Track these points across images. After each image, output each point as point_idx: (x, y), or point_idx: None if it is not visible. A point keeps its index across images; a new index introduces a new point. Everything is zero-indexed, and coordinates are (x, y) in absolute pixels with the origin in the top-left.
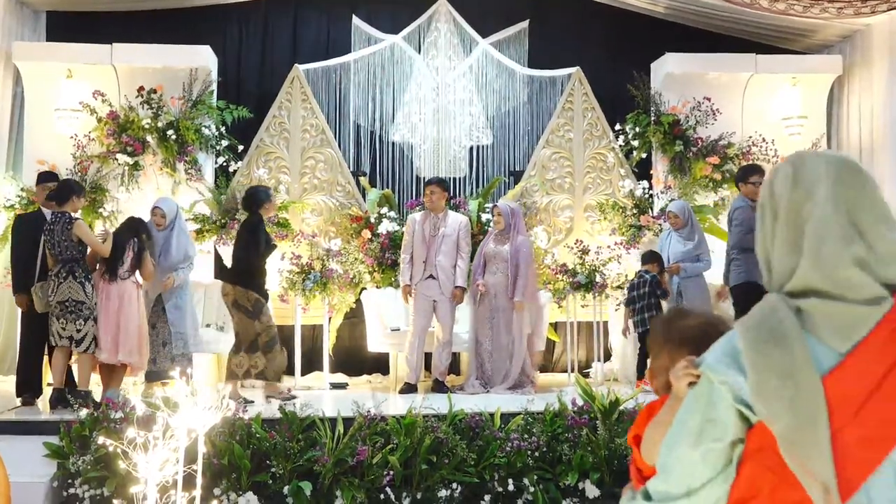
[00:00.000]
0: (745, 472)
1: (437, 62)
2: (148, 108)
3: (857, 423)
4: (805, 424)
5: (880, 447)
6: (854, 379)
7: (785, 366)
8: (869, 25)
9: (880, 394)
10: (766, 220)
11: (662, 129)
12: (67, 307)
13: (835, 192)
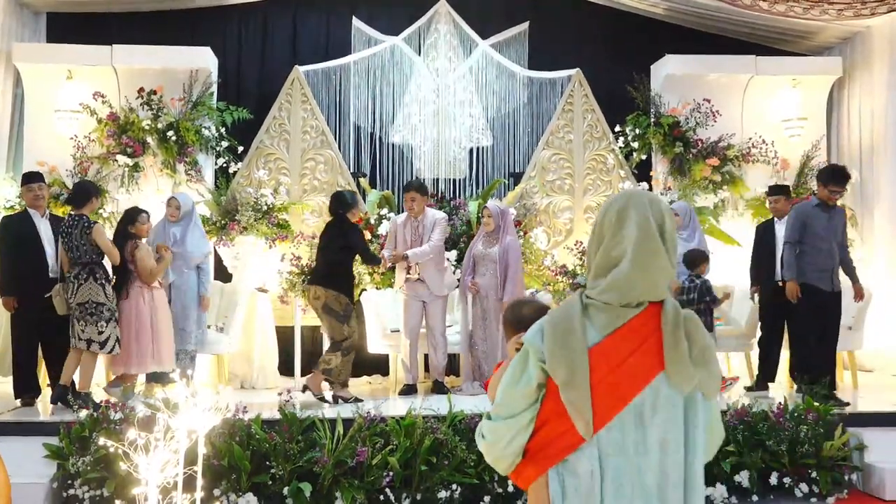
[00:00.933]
0: (545, 406)
1: (437, 63)
2: (148, 110)
3: (609, 380)
4: (574, 378)
5: (625, 396)
6: (609, 352)
7: (566, 340)
8: (869, 27)
9: (627, 363)
10: (593, 245)
11: (662, 130)
12: (87, 309)
13: (639, 246)
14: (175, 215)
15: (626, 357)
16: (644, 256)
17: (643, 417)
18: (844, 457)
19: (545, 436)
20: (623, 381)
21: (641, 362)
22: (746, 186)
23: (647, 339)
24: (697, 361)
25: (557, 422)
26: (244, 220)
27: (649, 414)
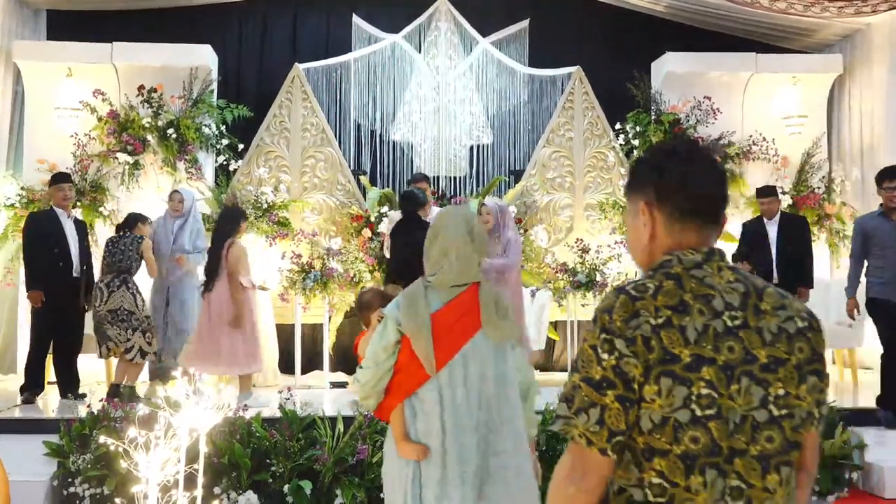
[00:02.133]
0: (400, 356)
1: (438, 61)
2: (148, 107)
3: (445, 335)
4: (421, 334)
5: (456, 346)
6: (445, 316)
7: (415, 309)
8: (869, 25)
9: (458, 323)
10: (429, 246)
11: (663, 128)
12: (118, 316)
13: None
14: (178, 209)
15: (456, 319)
16: (461, 253)
17: (467, 359)
18: (845, 455)
19: (401, 377)
20: (454, 336)
21: (467, 323)
22: (747, 184)
23: (470, 308)
24: (503, 319)
25: (410, 367)
26: None
27: (471, 357)
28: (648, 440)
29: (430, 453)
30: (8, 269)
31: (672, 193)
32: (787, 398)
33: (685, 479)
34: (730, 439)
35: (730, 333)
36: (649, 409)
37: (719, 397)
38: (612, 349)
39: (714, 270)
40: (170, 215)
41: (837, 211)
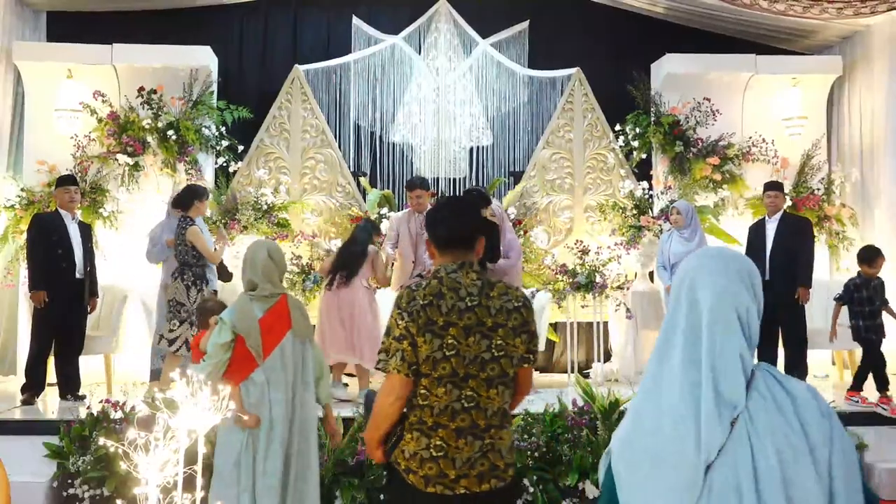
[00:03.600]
0: (235, 351)
1: (438, 63)
2: (148, 109)
3: (268, 334)
4: (251, 333)
5: (275, 342)
6: (267, 320)
7: (248, 315)
8: (869, 26)
9: (276, 325)
10: (246, 270)
11: (662, 129)
12: (170, 306)
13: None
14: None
15: (274, 322)
16: (267, 272)
17: (283, 351)
18: None
19: (238, 366)
20: (274, 334)
21: (281, 325)
22: (747, 185)
23: (283, 313)
24: (304, 321)
25: (244, 358)
26: (244, 220)
27: (288, 350)
28: (420, 368)
29: (261, 421)
30: (8, 271)
31: (431, 236)
32: (504, 346)
33: (436, 390)
34: (466, 368)
35: (469, 309)
36: (420, 351)
37: (459, 346)
38: (402, 318)
39: (463, 274)
40: (173, 216)
41: (837, 212)
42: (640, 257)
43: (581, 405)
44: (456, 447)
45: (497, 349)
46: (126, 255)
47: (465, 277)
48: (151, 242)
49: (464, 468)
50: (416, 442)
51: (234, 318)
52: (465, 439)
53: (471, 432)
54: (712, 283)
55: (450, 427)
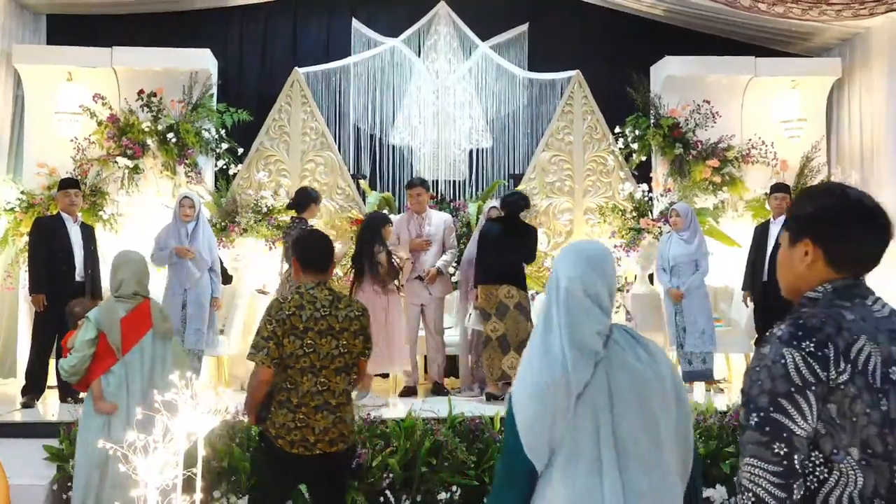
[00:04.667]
0: (99, 347)
1: (437, 65)
2: (148, 111)
3: (129, 331)
4: (113, 331)
5: (135, 339)
6: (129, 319)
7: (111, 315)
8: (868, 28)
9: (136, 324)
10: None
11: (662, 131)
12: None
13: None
14: (189, 215)
15: (135, 321)
16: (138, 276)
17: (143, 348)
18: None
19: (101, 360)
20: (134, 333)
21: (142, 324)
22: (746, 188)
23: (144, 314)
24: (165, 322)
25: (106, 353)
26: (244, 222)
27: (147, 347)
28: (286, 362)
29: (118, 407)
30: (8, 274)
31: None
32: (348, 345)
33: (299, 378)
34: (321, 362)
35: (322, 318)
36: (286, 349)
37: (316, 345)
38: (271, 324)
39: (319, 291)
40: (181, 220)
41: None
42: (639, 259)
43: None
44: (314, 420)
45: (343, 347)
46: None
47: (320, 293)
48: (157, 245)
49: (320, 435)
50: (284, 416)
51: (98, 317)
52: (321, 414)
53: (325, 408)
54: (569, 269)
55: (310, 405)
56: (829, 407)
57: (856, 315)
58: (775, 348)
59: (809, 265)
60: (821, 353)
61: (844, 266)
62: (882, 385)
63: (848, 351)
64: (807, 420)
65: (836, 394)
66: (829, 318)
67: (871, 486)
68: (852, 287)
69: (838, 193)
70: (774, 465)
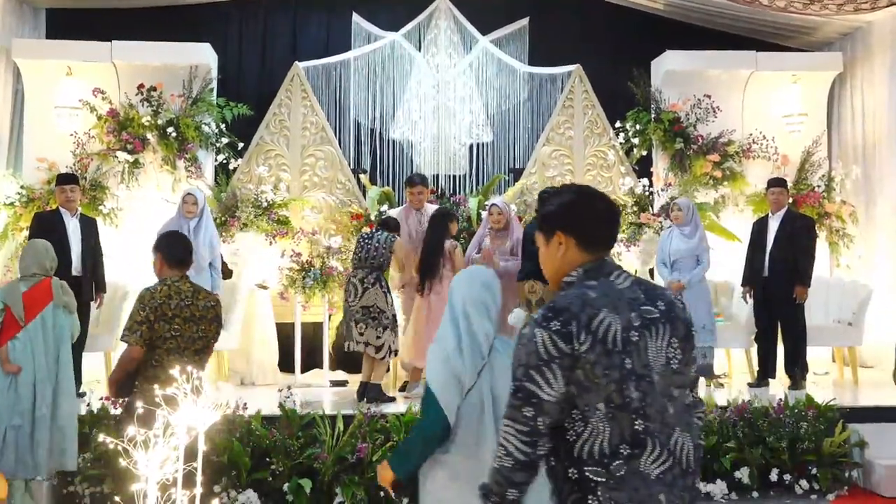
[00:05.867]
0: (6, 317)
1: (438, 59)
2: (148, 106)
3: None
4: (17, 305)
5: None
6: (30, 294)
7: (14, 290)
8: (869, 23)
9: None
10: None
11: (663, 126)
12: (370, 313)
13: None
14: (192, 211)
15: (36, 295)
16: (38, 260)
17: (44, 317)
18: (845, 453)
19: (7, 330)
20: (35, 305)
21: (43, 298)
22: (747, 182)
23: (45, 289)
24: (66, 296)
25: (11, 322)
26: (244, 217)
27: (49, 317)
28: (155, 343)
29: (23, 368)
30: (8, 268)
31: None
32: (206, 330)
33: (166, 357)
34: (185, 344)
35: (186, 307)
36: (156, 332)
37: (181, 329)
38: (144, 310)
39: (182, 283)
40: (183, 217)
41: (837, 209)
42: (640, 254)
43: None
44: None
45: (201, 332)
46: (126, 252)
47: (183, 286)
48: None
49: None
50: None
51: (3, 292)
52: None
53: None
54: (464, 290)
55: (174, 380)
56: (577, 373)
57: (599, 291)
58: (531, 329)
59: (564, 254)
60: (565, 330)
61: (591, 248)
62: (624, 347)
63: (590, 324)
64: (552, 388)
65: (581, 361)
66: (575, 299)
67: (617, 434)
68: (599, 266)
69: (574, 190)
70: (522, 426)
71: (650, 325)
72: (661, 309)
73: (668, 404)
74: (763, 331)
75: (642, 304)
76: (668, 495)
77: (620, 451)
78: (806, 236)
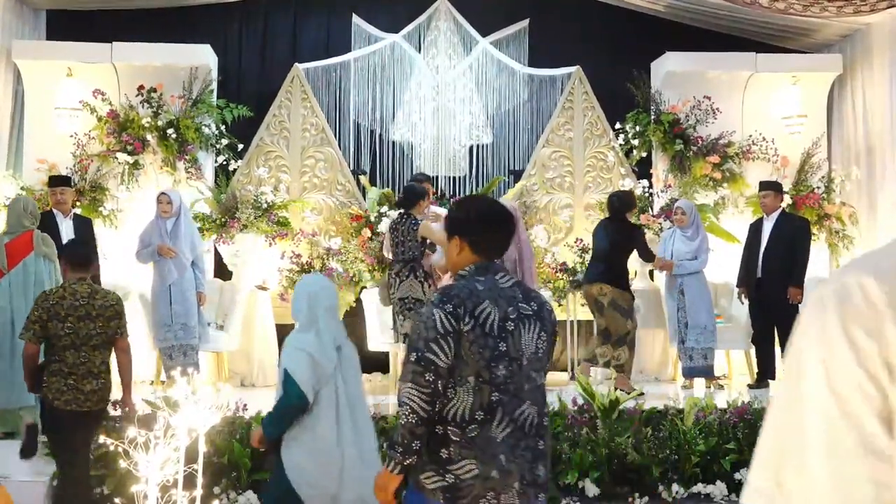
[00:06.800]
0: None
1: (438, 61)
2: (148, 107)
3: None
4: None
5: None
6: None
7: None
8: (868, 24)
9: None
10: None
11: (662, 127)
12: (406, 304)
13: None
14: (168, 210)
15: (18, 245)
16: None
17: (27, 266)
18: None
19: None
20: (16, 254)
21: (24, 247)
22: (747, 184)
23: (27, 240)
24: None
25: None
26: (244, 218)
27: (31, 265)
28: (52, 340)
29: (5, 307)
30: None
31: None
32: (105, 327)
33: (64, 352)
34: (81, 340)
35: (82, 306)
36: (49, 330)
37: (76, 327)
38: (38, 311)
39: (79, 285)
40: (160, 217)
41: (837, 211)
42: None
43: (581, 404)
44: (83, 383)
45: (99, 329)
46: (126, 254)
47: (80, 287)
48: (142, 243)
49: (88, 395)
50: (58, 382)
51: None
52: (87, 379)
53: (89, 375)
54: (320, 296)
55: (78, 373)
56: (461, 347)
57: (485, 286)
58: (429, 309)
59: (460, 254)
60: (455, 311)
61: (482, 253)
62: (499, 334)
63: (474, 310)
64: (447, 357)
65: (463, 339)
66: (465, 289)
67: (477, 403)
68: (487, 267)
69: (477, 202)
70: (424, 388)
71: (524, 319)
72: (533, 308)
73: (526, 384)
74: (759, 332)
75: (520, 301)
76: (508, 455)
77: (476, 417)
78: (801, 237)
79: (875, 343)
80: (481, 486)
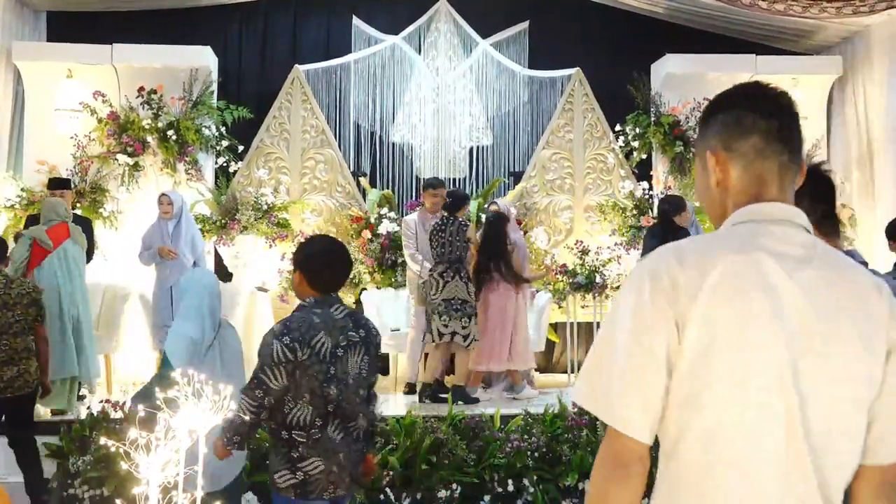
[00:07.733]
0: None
1: (438, 62)
2: (148, 109)
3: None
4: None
5: (58, 242)
6: (52, 231)
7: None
8: (868, 26)
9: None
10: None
11: (662, 129)
12: (452, 305)
13: None
14: (168, 212)
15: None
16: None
17: (65, 248)
18: None
19: (34, 257)
20: (59, 239)
21: (61, 235)
22: None
23: (64, 229)
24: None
25: (38, 252)
26: (244, 220)
27: (69, 249)
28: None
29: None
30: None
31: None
32: (23, 315)
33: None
34: (2, 329)
35: (0, 296)
36: None
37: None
38: None
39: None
40: (161, 219)
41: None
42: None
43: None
44: (3, 370)
45: (18, 316)
46: (126, 255)
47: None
48: (143, 245)
49: (9, 382)
50: None
51: (30, 232)
52: (7, 367)
53: (9, 362)
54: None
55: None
56: (296, 373)
57: (321, 318)
58: (270, 337)
59: (299, 285)
60: (292, 345)
61: (318, 288)
62: (331, 359)
63: (310, 340)
64: (278, 381)
65: (300, 365)
66: (303, 320)
67: (315, 413)
68: (324, 300)
69: (318, 243)
70: (253, 400)
71: (352, 346)
72: (361, 335)
73: (356, 398)
74: None
75: (350, 330)
76: (346, 453)
77: (316, 422)
78: None
79: (671, 309)
80: (325, 480)
